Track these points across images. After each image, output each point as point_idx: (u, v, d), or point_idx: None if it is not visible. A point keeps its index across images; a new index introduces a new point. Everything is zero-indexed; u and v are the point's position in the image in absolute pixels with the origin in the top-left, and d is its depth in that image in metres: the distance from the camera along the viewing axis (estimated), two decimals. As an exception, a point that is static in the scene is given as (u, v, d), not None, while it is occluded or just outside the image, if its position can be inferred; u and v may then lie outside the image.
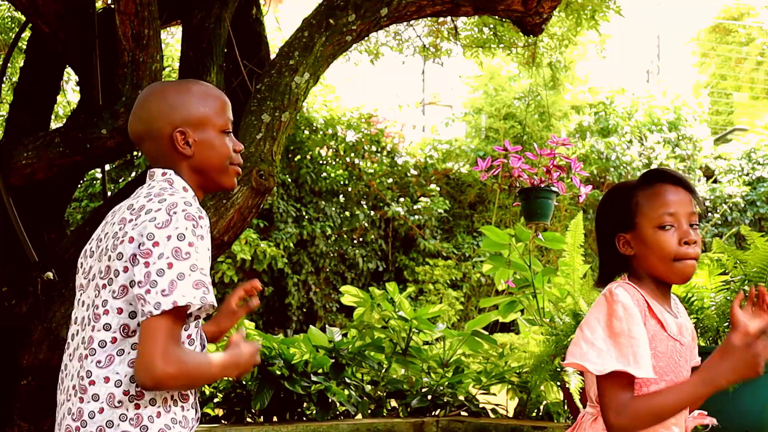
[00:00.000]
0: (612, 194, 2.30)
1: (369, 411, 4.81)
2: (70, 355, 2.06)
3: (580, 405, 3.83)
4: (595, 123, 12.62)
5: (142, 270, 1.90)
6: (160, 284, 1.89)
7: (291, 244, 10.03)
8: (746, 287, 2.47)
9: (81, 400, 1.97)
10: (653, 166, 12.44)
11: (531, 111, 12.05)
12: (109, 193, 5.82)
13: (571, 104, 12.75)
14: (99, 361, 1.96)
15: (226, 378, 2.27)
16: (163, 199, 1.97)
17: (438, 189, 11.51)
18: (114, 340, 1.96)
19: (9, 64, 5.58)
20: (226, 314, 2.42)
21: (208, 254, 1.99)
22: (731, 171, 13.50)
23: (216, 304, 1.97)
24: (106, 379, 1.94)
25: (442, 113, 15.77)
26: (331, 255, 10.50)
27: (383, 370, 5.10)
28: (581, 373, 3.84)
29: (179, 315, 1.91)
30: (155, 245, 1.91)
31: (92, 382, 1.96)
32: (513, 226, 5.22)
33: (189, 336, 2.04)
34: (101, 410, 1.94)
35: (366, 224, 10.88)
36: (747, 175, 13.34)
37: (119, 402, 1.94)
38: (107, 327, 1.96)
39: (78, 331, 2.04)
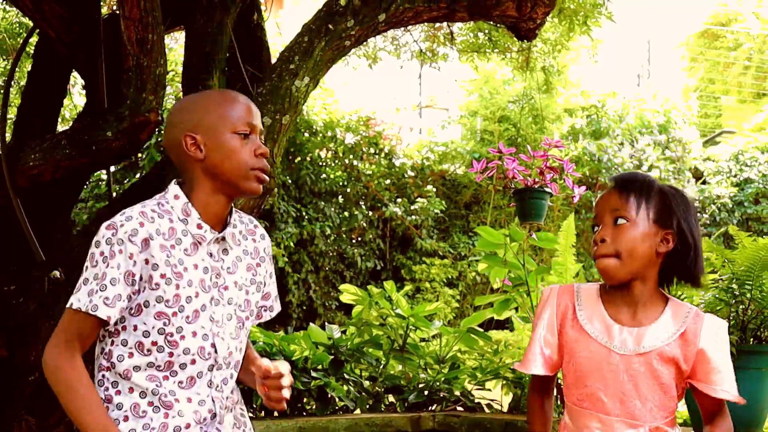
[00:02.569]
0: None
1: (367, 406, 4.82)
2: None
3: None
4: (588, 126, 12.68)
5: None
6: (77, 283, 2.02)
7: (291, 244, 10.07)
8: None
9: (107, 409, 2.10)
10: (644, 168, 12.52)
11: (525, 114, 12.10)
12: (114, 194, 5.86)
13: (564, 107, 12.81)
14: (106, 369, 2.11)
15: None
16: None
17: (434, 190, 11.56)
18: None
19: (17, 69, 5.60)
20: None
21: (123, 259, 2.00)
22: (719, 172, 13.57)
23: (99, 313, 1.98)
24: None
25: (438, 116, 15.81)
26: (331, 254, 10.55)
27: (381, 367, 5.12)
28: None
29: (79, 317, 2.00)
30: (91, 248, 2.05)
31: (117, 392, 2.09)
32: (507, 226, 5.26)
33: (154, 343, 2.05)
34: (125, 419, 2.07)
35: (364, 224, 10.93)
36: (735, 176, 13.40)
37: (143, 412, 2.06)
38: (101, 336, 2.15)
39: None
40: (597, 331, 2.21)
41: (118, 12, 3.81)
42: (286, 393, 2.11)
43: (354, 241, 10.99)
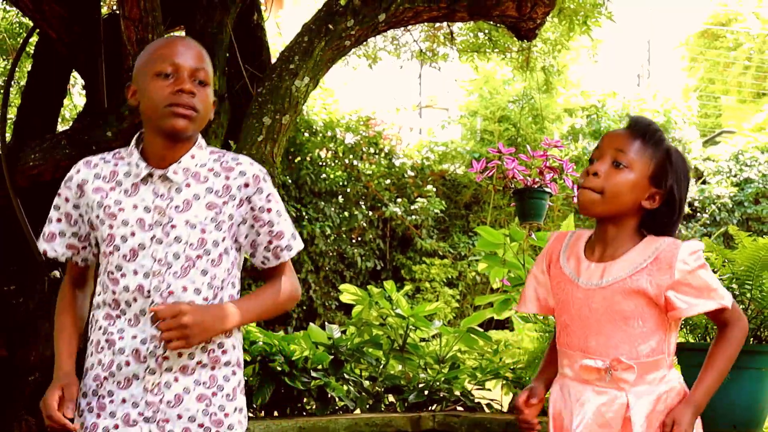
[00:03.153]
0: None
1: (367, 406, 4.83)
2: None
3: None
4: (587, 125, 12.70)
5: None
6: None
7: (291, 244, 10.08)
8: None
9: None
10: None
11: (525, 114, 12.11)
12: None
13: (564, 107, 12.82)
14: None
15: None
16: None
17: (434, 190, 11.56)
18: None
19: (17, 69, 5.62)
20: None
21: (67, 203, 2.20)
22: (719, 172, 13.58)
23: (41, 247, 2.24)
24: None
25: (438, 116, 15.83)
26: (331, 254, 10.56)
27: (381, 366, 5.12)
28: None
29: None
30: None
31: None
32: (507, 226, 5.29)
33: (104, 280, 2.16)
34: None
35: (364, 224, 10.94)
36: (735, 176, 13.41)
37: None
38: None
39: None
40: (569, 268, 2.25)
41: (118, 12, 3.83)
42: (168, 334, 2.05)
43: (354, 241, 11.00)
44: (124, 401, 2.09)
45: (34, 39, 4.78)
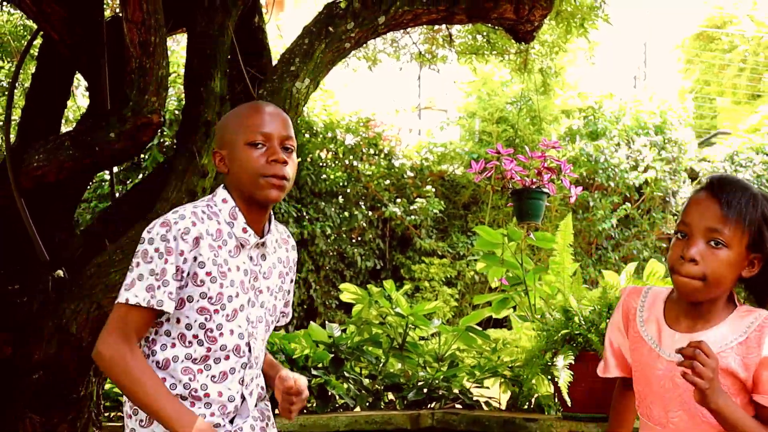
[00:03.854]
0: None
1: (367, 404, 4.87)
2: None
3: (568, 399, 3.91)
4: (585, 127, 12.73)
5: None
6: (126, 278, 2.10)
7: (292, 243, 10.11)
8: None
9: None
10: (640, 168, 12.54)
11: (523, 115, 12.14)
12: (117, 195, 5.89)
13: (562, 109, 12.85)
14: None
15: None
16: (175, 211, 2.16)
17: (433, 190, 11.59)
18: None
19: (21, 71, 5.62)
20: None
21: (174, 257, 2.09)
22: (715, 173, 13.61)
23: (165, 308, 2.10)
24: None
25: (437, 117, 15.84)
26: (331, 254, 10.59)
27: (381, 365, 5.16)
28: (570, 367, 3.95)
29: (134, 311, 2.10)
30: (140, 244, 2.13)
31: None
32: (505, 226, 5.30)
33: (195, 336, 2.15)
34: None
35: (364, 224, 10.97)
36: (729, 176, 13.44)
37: None
38: None
39: None
40: (650, 334, 2.12)
41: (120, 15, 3.84)
42: (297, 407, 2.21)
43: (354, 240, 11.03)
44: None
45: (38, 42, 4.80)
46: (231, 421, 2.21)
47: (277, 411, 3.07)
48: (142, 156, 8.98)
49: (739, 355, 2.00)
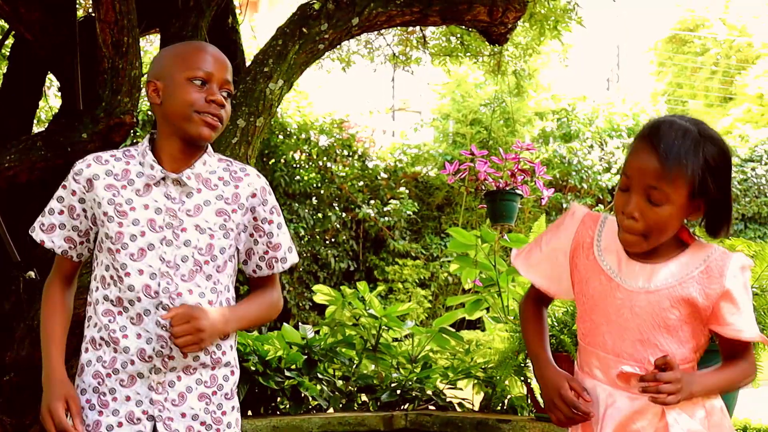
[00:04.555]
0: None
1: (340, 405, 4.85)
2: None
3: (541, 400, 3.93)
4: (558, 129, 12.82)
5: None
6: None
7: (265, 245, 10.10)
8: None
9: None
10: (613, 170, 12.62)
11: (496, 117, 12.19)
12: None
13: (535, 111, 12.92)
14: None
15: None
16: None
17: (407, 192, 11.62)
18: None
19: (-8, 70, 5.60)
20: None
21: (74, 197, 2.17)
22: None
23: (41, 242, 2.22)
24: None
25: (411, 119, 15.88)
26: (304, 255, 10.60)
27: (354, 366, 5.15)
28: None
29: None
30: None
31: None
32: (479, 227, 5.32)
33: (111, 277, 2.15)
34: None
35: (338, 225, 10.98)
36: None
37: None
38: None
39: None
40: (608, 264, 2.08)
41: (93, 15, 3.82)
42: (182, 340, 2.08)
43: (327, 242, 11.04)
44: (128, 399, 2.12)
45: (9, 41, 4.76)
46: (161, 370, 2.13)
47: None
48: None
49: (699, 284, 2.02)
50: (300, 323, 8.38)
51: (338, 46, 5.47)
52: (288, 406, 4.71)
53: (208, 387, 2.19)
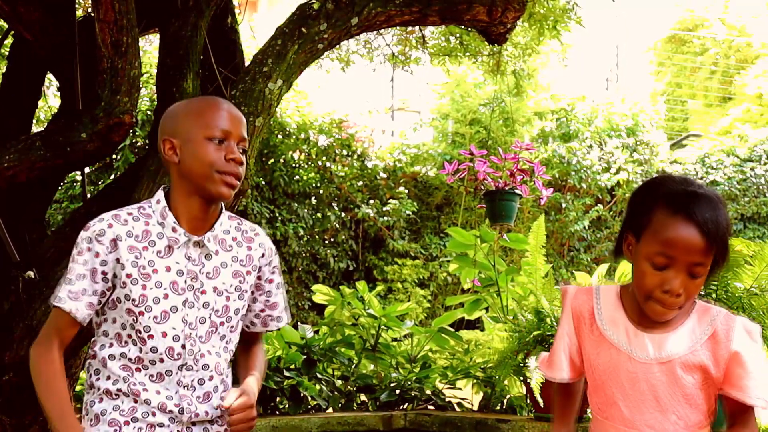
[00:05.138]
0: (646, 188, 2.09)
1: (339, 405, 4.86)
2: None
3: (540, 399, 3.93)
4: (557, 128, 12.82)
5: None
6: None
7: (264, 245, 10.11)
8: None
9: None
10: (612, 170, 12.61)
11: (496, 117, 12.19)
12: (88, 195, 5.85)
13: (534, 110, 12.92)
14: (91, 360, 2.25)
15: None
16: None
17: (406, 191, 11.62)
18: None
19: (-9, 70, 5.59)
20: None
21: (97, 259, 2.11)
22: (686, 175, 13.74)
23: (70, 311, 2.11)
24: None
25: (410, 119, 15.87)
26: (304, 255, 10.60)
27: (353, 366, 5.16)
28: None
29: (59, 314, 2.13)
30: None
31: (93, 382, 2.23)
32: (478, 227, 5.33)
33: (129, 336, 2.14)
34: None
35: (337, 225, 10.98)
36: (701, 178, 13.58)
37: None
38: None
39: None
40: (616, 336, 2.10)
41: (92, 14, 3.81)
42: (240, 427, 2.16)
43: (327, 242, 11.04)
44: None
45: (8, 41, 4.76)
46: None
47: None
48: (114, 156, 8.94)
49: (708, 350, 2.03)
50: (299, 323, 8.38)
51: (337, 46, 5.46)
52: (287, 405, 4.72)
53: None
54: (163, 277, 2.14)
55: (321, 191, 10.97)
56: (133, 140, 9.26)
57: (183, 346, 2.15)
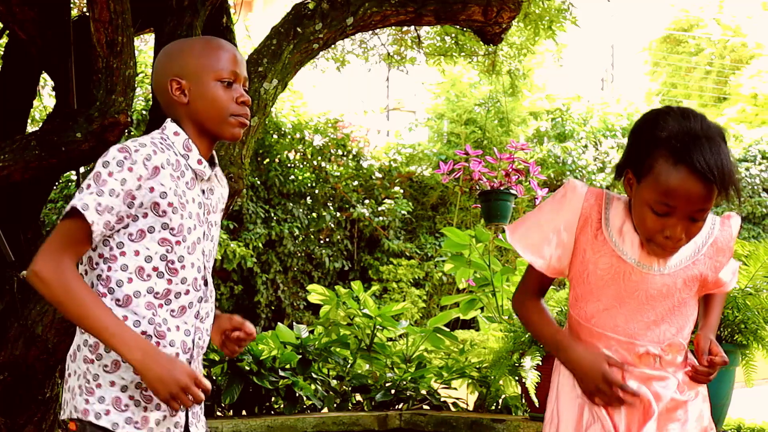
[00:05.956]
0: (647, 125, 2.03)
1: (335, 405, 4.86)
2: None
3: (535, 399, 3.94)
4: (552, 128, 12.85)
5: None
6: (74, 197, 1.99)
7: (260, 245, 10.12)
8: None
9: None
10: (607, 170, 12.62)
11: (491, 117, 12.21)
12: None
13: (530, 110, 12.95)
14: None
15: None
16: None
17: (401, 191, 11.64)
18: (85, 272, 2.07)
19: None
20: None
21: (137, 182, 2.01)
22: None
23: (91, 222, 1.95)
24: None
25: (405, 118, 15.89)
26: (299, 255, 10.60)
27: (348, 366, 5.16)
28: (538, 368, 3.98)
29: (78, 225, 1.96)
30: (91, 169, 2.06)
31: None
32: (473, 227, 5.34)
33: (155, 269, 2.06)
34: (74, 337, 2.11)
35: (332, 225, 10.99)
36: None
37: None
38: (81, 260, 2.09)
39: None
40: (621, 246, 2.07)
41: (87, 14, 3.81)
42: (243, 346, 2.28)
43: (322, 241, 11.04)
44: None
45: (3, 40, 4.76)
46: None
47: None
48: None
49: (709, 258, 2.10)
50: (294, 323, 8.38)
51: (333, 46, 5.46)
52: (282, 405, 4.72)
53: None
54: (192, 208, 2.13)
55: (316, 191, 10.98)
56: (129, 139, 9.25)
57: (204, 278, 2.16)
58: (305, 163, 11.07)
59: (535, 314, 2.24)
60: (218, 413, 4.63)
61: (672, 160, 1.93)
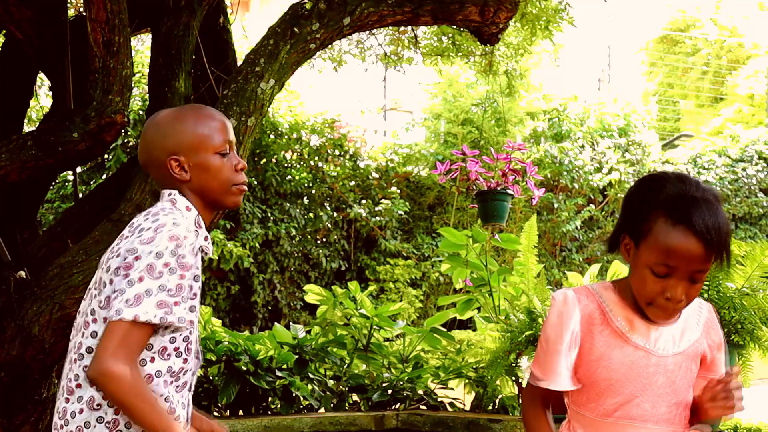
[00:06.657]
0: (644, 189, 2.07)
1: (331, 405, 4.86)
2: (68, 357, 2.12)
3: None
4: (549, 129, 12.84)
5: (121, 281, 1.97)
6: (127, 294, 1.95)
7: (257, 245, 10.11)
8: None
9: (67, 400, 2.05)
10: (604, 170, 12.63)
11: (488, 117, 12.20)
12: (80, 195, 5.84)
13: (527, 110, 12.93)
14: (85, 366, 2.02)
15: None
16: (156, 219, 2.03)
17: (398, 191, 11.63)
18: None
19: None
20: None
21: (191, 273, 2.03)
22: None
23: (177, 322, 1.99)
24: (91, 383, 2.00)
25: (402, 118, 15.86)
26: (296, 255, 10.60)
27: (345, 366, 5.17)
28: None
29: (139, 329, 1.96)
30: (136, 259, 1.97)
31: (78, 385, 2.04)
32: (470, 227, 5.33)
33: (176, 349, 2.07)
34: (81, 411, 2.02)
35: (329, 225, 10.98)
36: (693, 179, 13.63)
37: (98, 405, 2.01)
38: (93, 335, 2.03)
39: (74, 335, 2.11)
40: (635, 334, 2.08)
41: (84, 14, 3.81)
42: None
43: (319, 241, 11.04)
44: None
45: (0, 40, 4.76)
46: None
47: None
48: (106, 156, 8.93)
49: (706, 338, 2.13)
50: (291, 323, 8.38)
51: (330, 46, 5.46)
52: (279, 405, 4.72)
53: None
54: (197, 285, 2.11)
55: (313, 191, 10.97)
56: (125, 140, 9.25)
57: (200, 352, 2.17)
58: (302, 163, 11.06)
59: (534, 420, 2.24)
60: (215, 413, 4.63)
61: (671, 221, 1.96)
